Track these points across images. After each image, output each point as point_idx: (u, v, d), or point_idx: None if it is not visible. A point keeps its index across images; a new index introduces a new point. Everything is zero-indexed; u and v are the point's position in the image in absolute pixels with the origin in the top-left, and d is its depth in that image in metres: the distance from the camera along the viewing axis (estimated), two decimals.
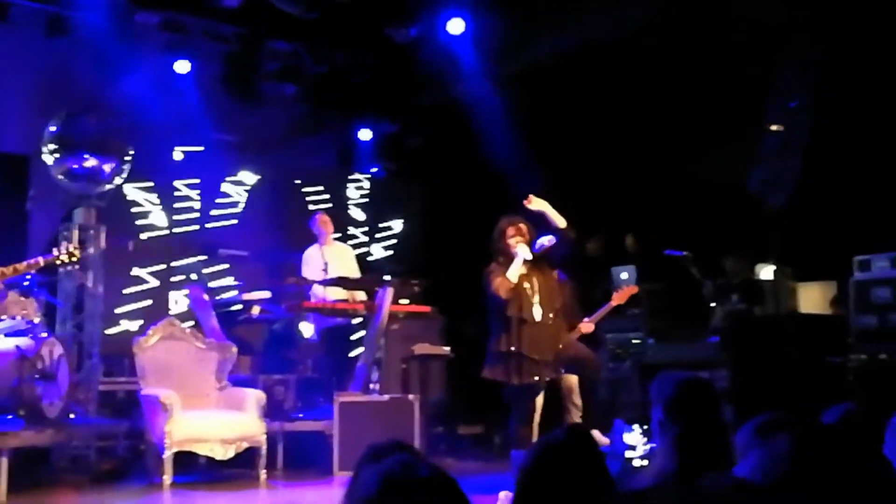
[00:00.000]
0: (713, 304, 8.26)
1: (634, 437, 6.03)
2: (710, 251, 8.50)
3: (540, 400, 7.63)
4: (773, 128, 8.91)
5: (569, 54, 9.28)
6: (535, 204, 6.67)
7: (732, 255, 8.72)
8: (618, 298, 8.01)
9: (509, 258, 6.57)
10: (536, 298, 6.54)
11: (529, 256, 6.54)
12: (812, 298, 9.06)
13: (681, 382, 3.07)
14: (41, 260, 5.30)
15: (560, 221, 6.64)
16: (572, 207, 9.71)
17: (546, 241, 6.66)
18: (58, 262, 5.37)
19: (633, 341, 8.83)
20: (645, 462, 5.39)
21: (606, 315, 8.09)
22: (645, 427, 6.28)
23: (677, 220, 9.33)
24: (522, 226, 6.66)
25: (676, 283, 8.61)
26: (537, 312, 6.51)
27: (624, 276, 9.13)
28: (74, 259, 5.38)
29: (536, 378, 6.50)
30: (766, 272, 8.72)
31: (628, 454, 6.15)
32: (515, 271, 6.52)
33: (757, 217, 8.99)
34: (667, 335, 8.59)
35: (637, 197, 9.93)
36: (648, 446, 5.97)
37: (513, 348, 6.47)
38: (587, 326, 7.87)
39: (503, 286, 6.48)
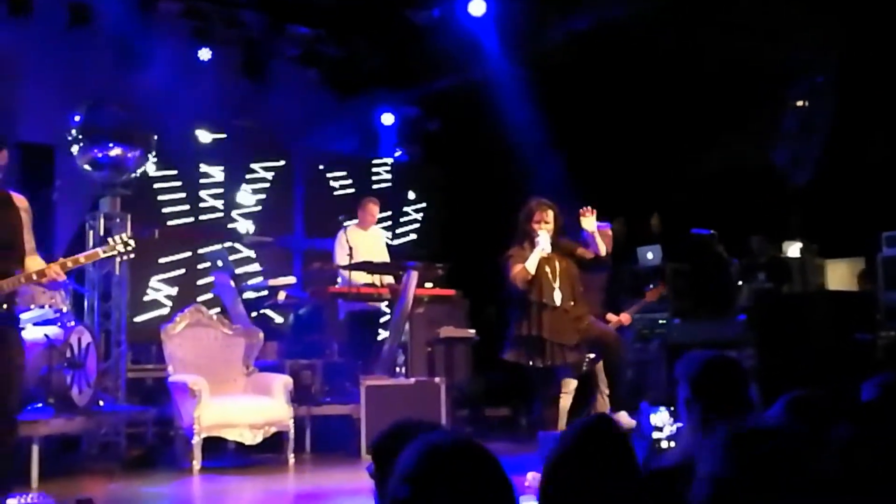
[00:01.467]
0: (740, 283, 8.21)
1: (661, 419, 5.99)
2: (736, 230, 8.44)
3: (573, 384, 7.65)
4: (798, 104, 8.82)
5: (589, 34, 9.22)
6: (588, 223, 6.63)
7: (758, 233, 8.66)
8: (651, 295, 8.02)
9: (532, 243, 6.54)
10: (557, 283, 6.52)
11: (549, 250, 6.49)
12: (840, 275, 8.98)
13: (707, 361, 3.07)
14: (100, 251, 5.34)
15: (602, 248, 6.68)
16: (597, 188, 9.72)
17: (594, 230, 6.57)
18: (115, 251, 5.38)
19: (660, 321, 8.79)
20: (672, 444, 5.35)
21: (640, 309, 8.09)
22: (672, 408, 6.25)
23: (702, 200, 9.27)
24: (550, 212, 6.59)
25: (703, 263, 8.56)
26: (557, 297, 6.50)
27: (650, 256, 9.09)
28: (130, 248, 5.39)
29: (559, 361, 6.50)
30: (793, 250, 8.65)
31: (655, 435, 6.12)
32: (534, 262, 6.49)
33: (782, 195, 8.91)
34: (693, 315, 8.55)
35: (661, 177, 9.87)
36: (675, 427, 5.94)
37: (533, 332, 6.47)
38: (626, 318, 7.84)
39: (520, 276, 6.47)
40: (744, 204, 9.07)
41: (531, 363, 6.52)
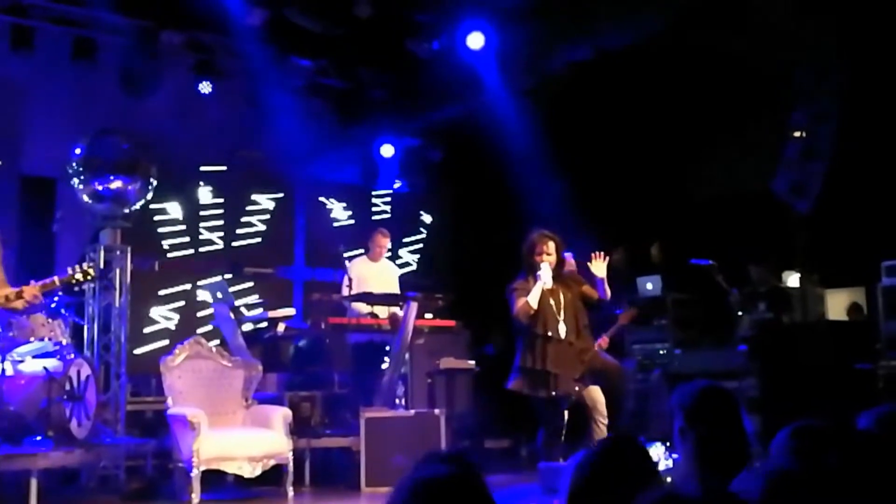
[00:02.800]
0: (740, 313, 8.20)
1: (657, 452, 5.98)
2: (735, 260, 8.44)
3: (564, 413, 7.65)
4: (797, 134, 8.84)
5: (588, 63, 9.27)
6: (598, 267, 6.68)
7: (757, 264, 8.65)
8: (623, 318, 8.10)
9: (535, 275, 6.58)
10: (562, 316, 6.55)
11: (550, 284, 6.52)
12: (840, 305, 8.97)
13: (700, 390, 3.09)
14: (56, 279, 5.32)
15: (608, 293, 6.73)
16: (598, 217, 9.74)
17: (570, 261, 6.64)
18: (73, 280, 5.38)
19: (661, 352, 8.77)
20: (668, 479, 5.34)
21: (628, 326, 8.14)
22: (668, 443, 6.25)
23: (702, 228, 9.27)
24: (552, 243, 6.64)
25: (703, 293, 8.55)
26: (562, 329, 6.53)
27: (649, 286, 9.08)
28: (89, 277, 5.40)
29: (563, 392, 6.52)
30: (793, 280, 8.64)
31: None
32: (536, 296, 6.52)
33: (782, 224, 8.92)
34: (694, 345, 8.53)
35: (662, 205, 9.88)
36: (671, 461, 5.93)
37: (538, 366, 6.49)
38: (605, 342, 7.93)
39: (524, 310, 6.51)
40: (744, 233, 9.08)
41: (536, 394, 6.54)
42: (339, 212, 11.52)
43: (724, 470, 2.77)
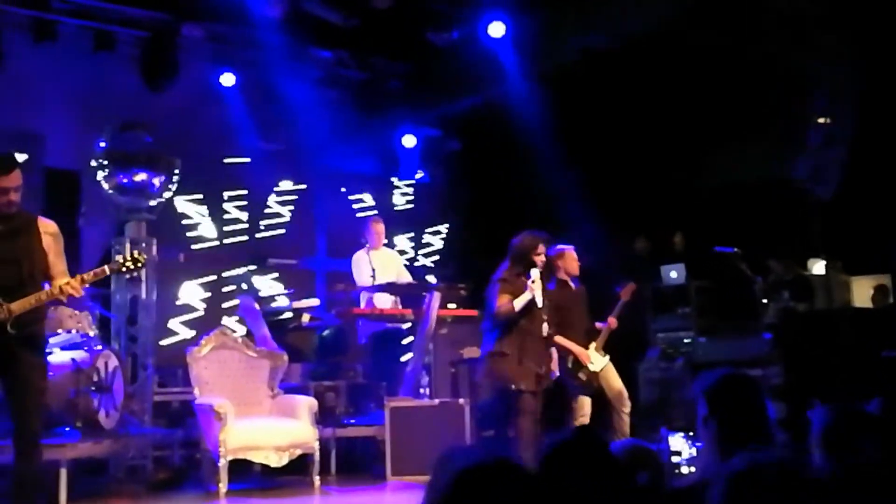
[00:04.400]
0: (765, 301, 8.17)
1: (679, 443, 5.98)
2: (759, 247, 8.41)
3: (588, 405, 7.71)
4: (820, 121, 8.78)
5: (608, 50, 9.24)
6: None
7: (777, 256, 8.61)
8: (625, 294, 8.08)
9: (526, 274, 6.66)
10: (545, 315, 6.68)
11: (539, 303, 6.60)
12: (865, 292, 8.91)
13: (723, 378, 3.09)
14: (107, 268, 5.35)
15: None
16: (619, 206, 9.72)
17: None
18: (123, 268, 5.42)
19: (684, 340, 8.75)
20: (692, 468, 5.36)
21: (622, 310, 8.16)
22: (691, 433, 6.26)
23: (725, 216, 9.23)
24: (542, 245, 6.76)
25: (727, 281, 8.53)
26: (545, 328, 6.67)
27: (673, 274, 9.06)
28: (140, 264, 5.43)
29: (533, 387, 6.58)
30: (818, 267, 8.60)
31: (674, 459, 6.11)
32: (523, 303, 6.57)
33: (805, 210, 8.87)
34: (718, 333, 8.51)
35: (683, 193, 9.85)
36: (694, 450, 5.95)
37: (514, 354, 6.56)
38: (613, 322, 7.93)
39: (505, 309, 6.58)
40: (768, 221, 9.03)
41: (506, 384, 6.59)
42: (360, 202, 11.54)
43: None
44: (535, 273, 6.61)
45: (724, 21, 8.68)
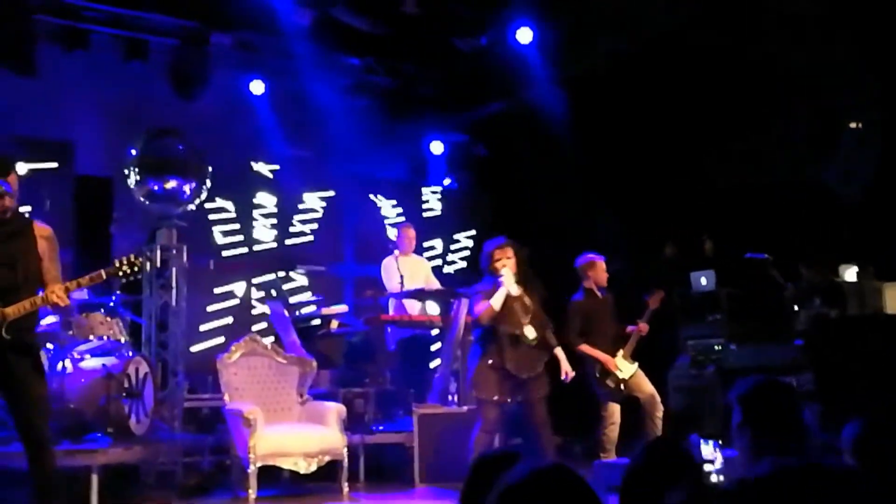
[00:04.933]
0: (796, 307, 8.09)
1: (710, 451, 5.92)
2: (791, 253, 8.33)
3: (617, 412, 7.74)
4: (852, 125, 8.69)
5: (635, 54, 9.20)
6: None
7: (809, 262, 8.52)
8: (653, 302, 8.17)
9: (498, 282, 6.63)
10: (527, 319, 6.59)
11: (515, 292, 6.58)
12: None
13: (759, 384, 3.10)
14: (103, 272, 5.32)
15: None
16: (648, 211, 9.67)
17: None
18: (120, 273, 5.39)
19: (715, 347, 8.67)
20: (721, 477, 5.32)
21: (650, 318, 8.22)
22: (720, 441, 6.21)
23: (755, 222, 9.15)
24: (510, 249, 6.72)
25: (757, 287, 8.45)
26: (529, 332, 6.58)
27: (703, 281, 8.98)
28: (136, 269, 5.40)
29: (519, 399, 6.60)
30: (850, 273, 8.50)
31: (706, 468, 6.06)
32: (500, 299, 6.56)
33: (836, 215, 8.78)
34: (749, 340, 8.42)
35: (713, 199, 9.77)
36: (724, 459, 5.91)
37: (498, 365, 6.54)
38: (643, 327, 8.04)
39: (486, 314, 6.57)
40: (798, 226, 8.94)
41: (490, 397, 6.59)
42: (388, 209, 11.57)
43: None
44: (506, 272, 6.60)
45: (751, 21, 8.62)
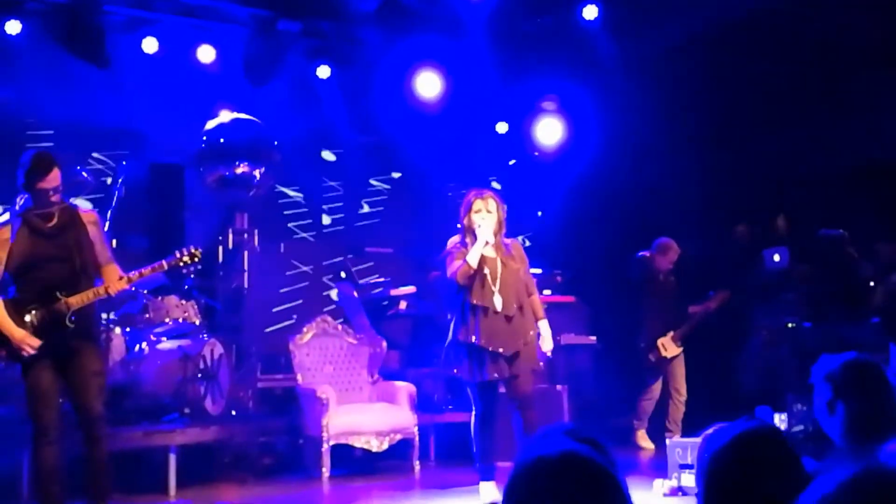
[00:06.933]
0: (872, 284, 7.93)
1: (778, 424, 5.88)
2: (867, 230, 8.16)
3: (657, 387, 8.41)
4: None
5: (707, 30, 9.06)
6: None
7: (885, 239, 8.33)
8: (714, 301, 8.48)
9: (474, 238, 5.99)
10: (497, 287, 5.95)
11: (492, 240, 5.93)
12: None
13: (848, 362, 3.09)
14: (164, 263, 5.47)
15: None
16: (721, 190, 9.54)
17: None
18: (180, 263, 5.53)
19: (789, 325, 8.54)
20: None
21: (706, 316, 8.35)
22: (783, 415, 6.17)
23: (830, 199, 8.98)
24: (491, 200, 6.06)
25: (833, 265, 8.29)
26: (498, 301, 5.94)
27: (776, 258, 8.85)
28: (196, 259, 5.54)
29: (496, 375, 6.00)
30: None
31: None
32: (476, 255, 5.91)
33: None
34: (824, 318, 8.28)
35: (786, 176, 9.60)
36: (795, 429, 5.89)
37: (472, 340, 5.95)
38: (700, 310, 8.48)
39: (462, 272, 5.92)
40: (873, 203, 8.75)
41: (471, 378, 6.03)
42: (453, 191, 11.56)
43: (876, 441, 2.74)
44: (485, 225, 5.94)
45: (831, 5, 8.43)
